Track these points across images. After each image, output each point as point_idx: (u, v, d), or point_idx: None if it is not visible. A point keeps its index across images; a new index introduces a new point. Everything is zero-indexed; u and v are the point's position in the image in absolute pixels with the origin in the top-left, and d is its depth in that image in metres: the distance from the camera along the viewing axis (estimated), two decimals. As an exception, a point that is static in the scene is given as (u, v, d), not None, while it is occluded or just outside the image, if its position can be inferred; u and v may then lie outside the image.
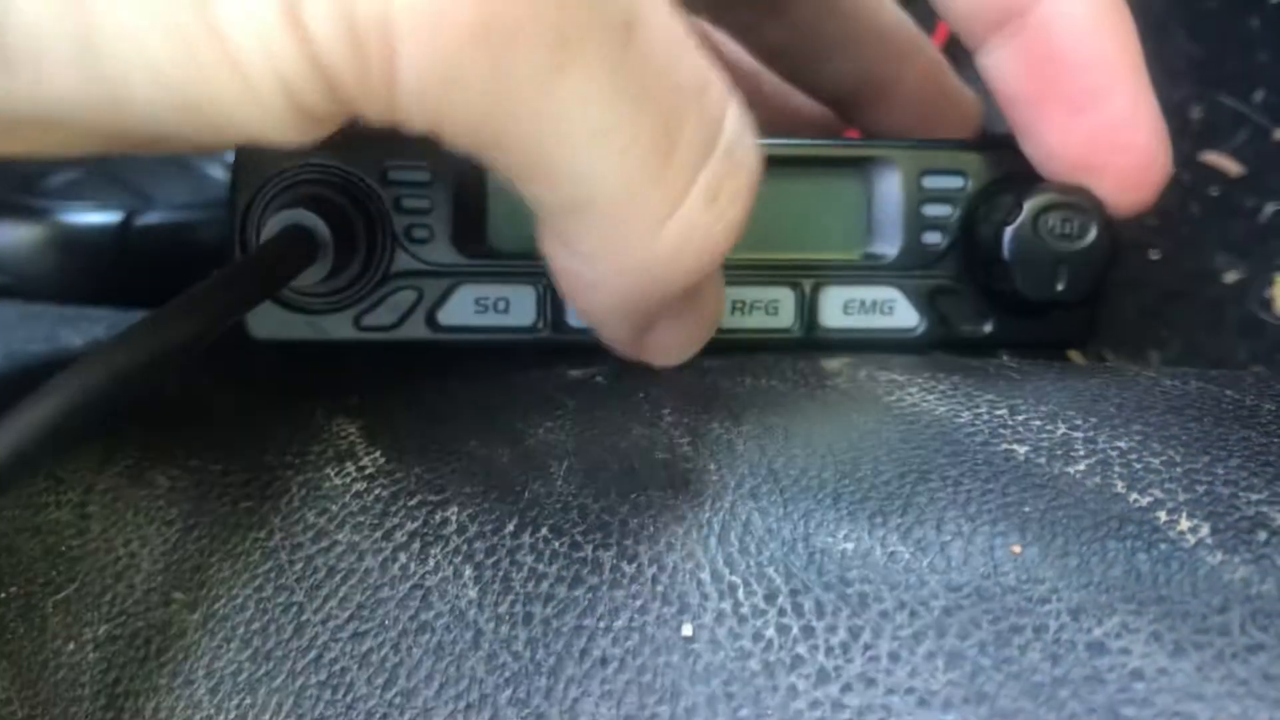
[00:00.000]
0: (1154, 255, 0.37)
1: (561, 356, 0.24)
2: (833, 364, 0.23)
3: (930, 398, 0.21)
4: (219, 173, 0.43)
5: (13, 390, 0.26)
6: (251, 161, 0.23)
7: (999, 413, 0.20)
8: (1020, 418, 0.20)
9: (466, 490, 0.20)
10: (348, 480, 0.20)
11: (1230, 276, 0.36)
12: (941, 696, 0.16)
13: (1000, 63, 0.23)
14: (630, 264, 0.18)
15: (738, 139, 0.18)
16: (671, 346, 0.22)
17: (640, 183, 0.17)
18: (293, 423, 0.22)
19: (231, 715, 0.19)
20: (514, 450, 0.21)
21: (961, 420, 0.20)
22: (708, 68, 0.17)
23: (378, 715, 0.18)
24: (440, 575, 0.19)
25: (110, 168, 0.41)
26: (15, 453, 0.15)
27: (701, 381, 0.23)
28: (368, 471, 0.21)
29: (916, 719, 0.16)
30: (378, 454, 0.21)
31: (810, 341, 0.24)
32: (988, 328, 0.25)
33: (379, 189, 0.23)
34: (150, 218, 0.40)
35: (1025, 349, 0.25)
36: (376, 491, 0.20)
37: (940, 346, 0.24)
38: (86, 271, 0.38)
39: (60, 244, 0.38)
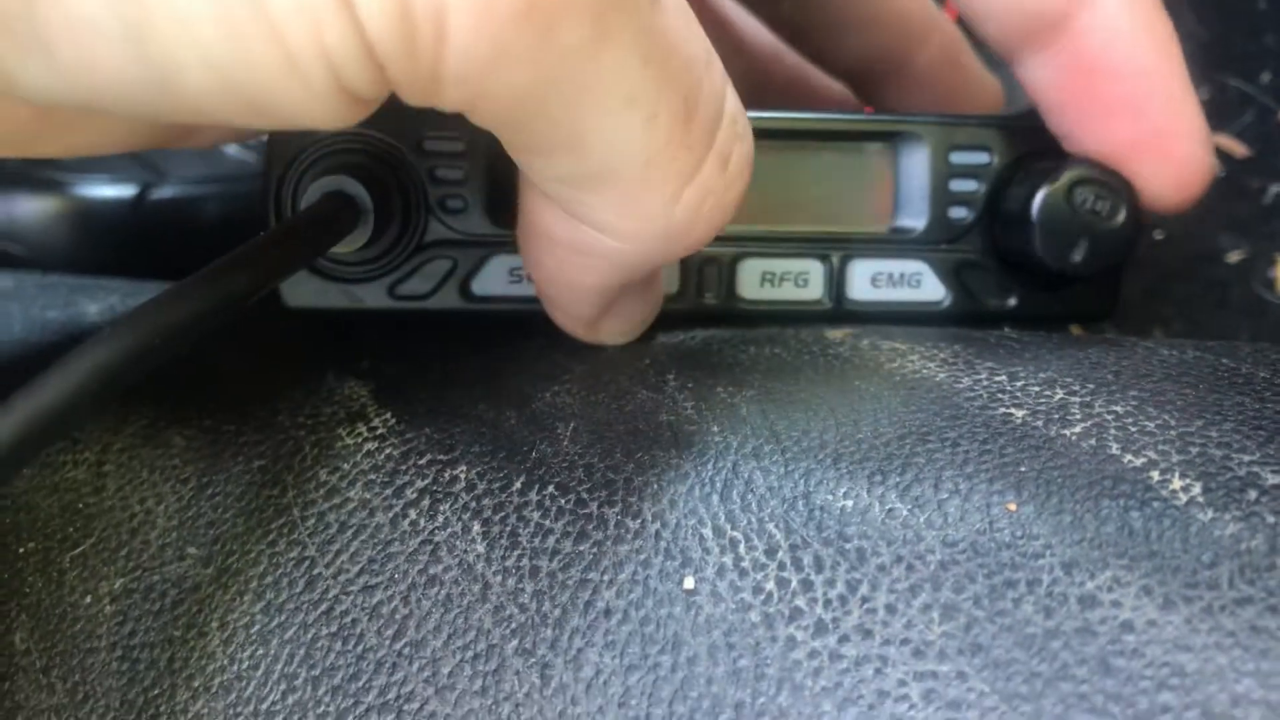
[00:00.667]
0: (1158, 235, 0.37)
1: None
2: (836, 333, 0.23)
3: (931, 365, 0.21)
4: (233, 148, 0.43)
5: (31, 355, 0.26)
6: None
7: (998, 379, 0.20)
8: (1019, 383, 0.20)
9: (475, 450, 0.20)
10: (359, 440, 0.21)
11: (1234, 257, 0.37)
12: (936, 647, 0.16)
13: (1038, 74, 0.23)
14: (648, 231, 0.19)
15: (738, 109, 0.19)
16: (625, 326, 0.23)
17: (663, 149, 0.17)
18: (305, 385, 0.23)
19: (244, 666, 0.19)
20: (522, 412, 0.21)
21: (961, 385, 0.20)
22: (709, 41, 0.18)
23: (387, 665, 0.18)
24: (449, 531, 0.19)
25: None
26: (54, 412, 0.15)
27: (706, 349, 0.23)
28: (379, 432, 0.21)
29: (912, 669, 0.16)
30: (388, 415, 0.21)
31: (839, 314, 0.25)
32: (1012, 301, 0.25)
33: (414, 159, 0.23)
34: (164, 192, 0.40)
35: (1049, 323, 0.25)
36: (387, 451, 0.21)
37: (965, 320, 0.25)
38: (100, 244, 0.39)
39: (75, 216, 0.39)
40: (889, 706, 0.16)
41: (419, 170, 0.23)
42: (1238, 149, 0.38)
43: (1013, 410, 0.19)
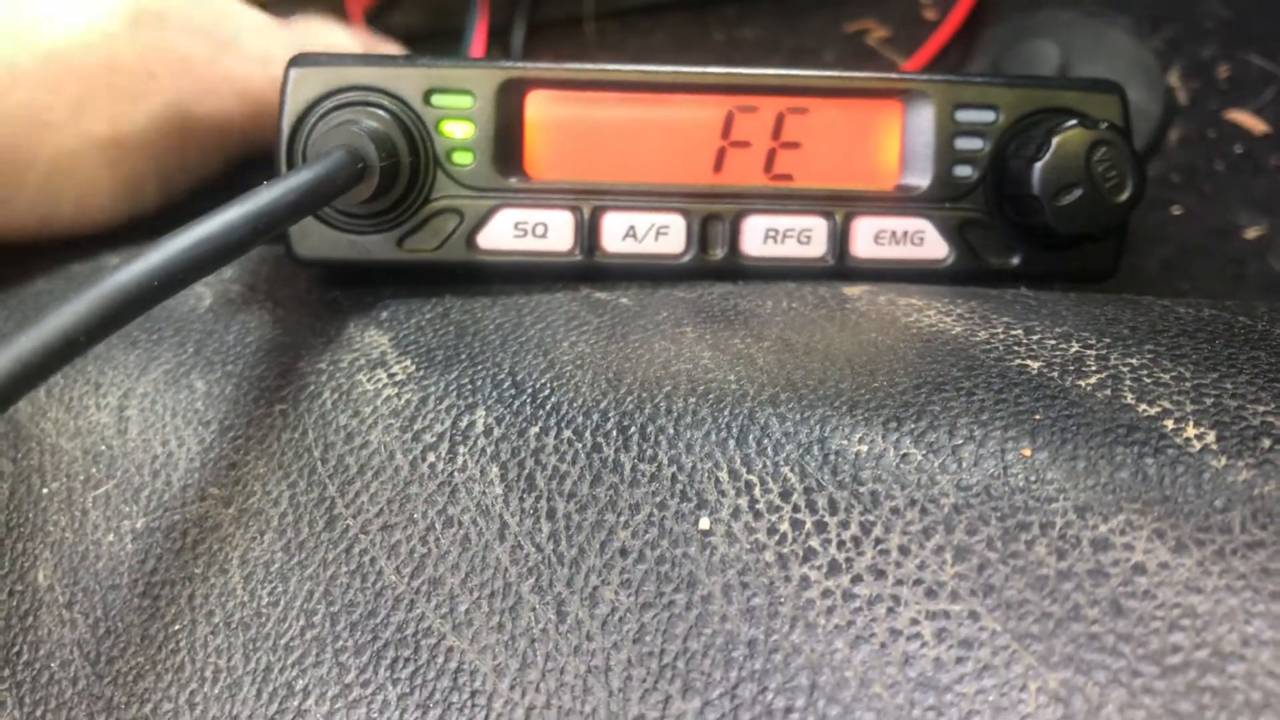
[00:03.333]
0: (1176, 211, 0.37)
1: (590, 280, 0.25)
2: (854, 290, 0.23)
3: (947, 319, 0.21)
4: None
5: (53, 307, 0.27)
6: (301, 81, 0.23)
7: (1014, 333, 0.20)
8: (1035, 337, 0.20)
9: (493, 396, 0.20)
10: (379, 386, 0.21)
11: (1252, 233, 0.37)
12: (949, 588, 0.16)
13: None
14: None
15: None
16: None
17: None
18: (326, 334, 0.23)
19: (264, 602, 0.19)
20: (540, 361, 0.21)
21: (977, 339, 0.20)
22: None
23: (405, 602, 0.18)
24: (467, 474, 0.19)
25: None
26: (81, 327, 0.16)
27: (724, 303, 0.23)
28: (398, 378, 0.21)
29: (924, 608, 0.16)
30: (408, 363, 0.22)
31: (842, 270, 0.25)
32: (1015, 260, 0.25)
33: (422, 113, 0.24)
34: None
35: (1052, 282, 0.25)
36: (406, 396, 0.21)
37: (968, 278, 0.25)
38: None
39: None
40: (901, 645, 0.16)
41: (427, 124, 0.24)
42: (1257, 126, 0.38)
43: (1028, 362, 0.19)
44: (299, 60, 0.24)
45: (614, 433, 0.19)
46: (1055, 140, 0.23)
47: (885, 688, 0.16)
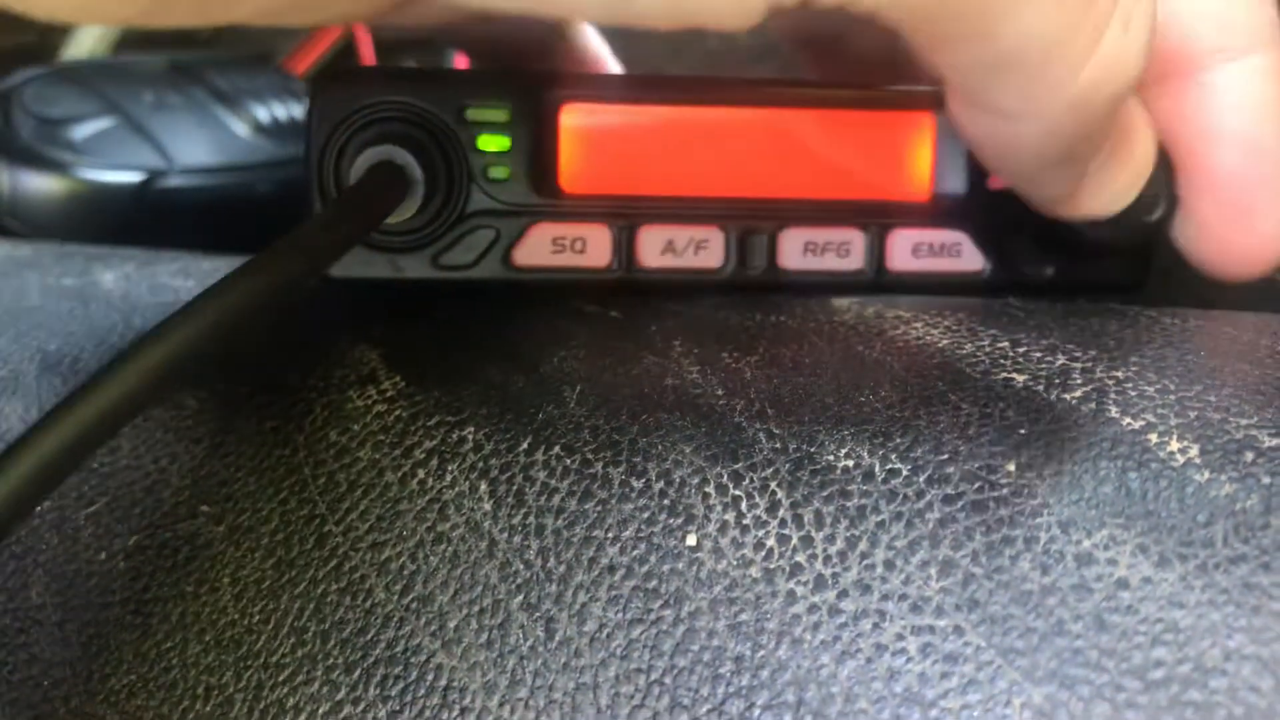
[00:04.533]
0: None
1: (580, 294, 0.25)
2: (841, 302, 0.24)
3: (934, 332, 0.21)
4: (242, 131, 0.44)
5: (49, 323, 0.27)
6: (329, 99, 0.23)
7: (1000, 345, 0.20)
8: (1021, 350, 0.20)
9: (483, 412, 0.20)
10: (369, 402, 0.21)
11: (1243, 238, 0.37)
12: (934, 603, 0.16)
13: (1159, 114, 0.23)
14: (1052, 109, 0.19)
15: None
16: (1106, 192, 0.22)
17: (1069, 28, 0.17)
18: (317, 349, 0.23)
19: (255, 620, 0.19)
20: (529, 376, 0.21)
21: (964, 352, 0.20)
22: None
23: (395, 619, 0.19)
24: (457, 490, 0.19)
25: (137, 122, 0.42)
26: (125, 399, 0.16)
27: (713, 316, 0.23)
28: (388, 394, 0.21)
29: (909, 623, 0.16)
30: (398, 379, 0.22)
31: (881, 283, 0.25)
32: (1050, 271, 0.25)
33: (456, 128, 0.23)
34: (171, 180, 0.41)
35: (1086, 292, 0.25)
36: (397, 412, 0.21)
37: (1005, 290, 0.25)
38: (101, 228, 0.39)
39: (78, 199, 0.39)
40: (886, 660, 0.16)
41: (461, 139, 0.23)
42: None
43: (1014, 375, 0.19)
44: (326, 75, 0.23)
45: (603, 448, 0.19)
46: None
47: (871, 703, 0.16)
